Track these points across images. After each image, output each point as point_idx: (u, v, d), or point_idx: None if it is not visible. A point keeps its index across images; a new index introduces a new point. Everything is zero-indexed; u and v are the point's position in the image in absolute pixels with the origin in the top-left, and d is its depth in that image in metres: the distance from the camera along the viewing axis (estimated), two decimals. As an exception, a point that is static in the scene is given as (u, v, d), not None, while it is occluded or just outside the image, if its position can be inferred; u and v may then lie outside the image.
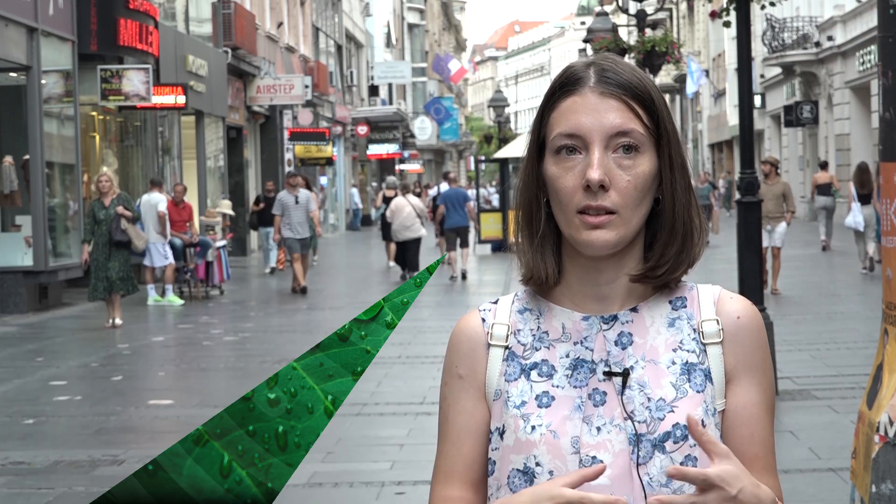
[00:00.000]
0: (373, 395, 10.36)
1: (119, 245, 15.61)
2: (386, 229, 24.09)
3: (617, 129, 1.80)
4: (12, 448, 8.61)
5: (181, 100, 22.76)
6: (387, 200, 25.26)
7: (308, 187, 23.10)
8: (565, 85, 1.85)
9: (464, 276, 22.44)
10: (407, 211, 22.36)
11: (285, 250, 21.60)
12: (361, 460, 8.06)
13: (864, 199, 20.17)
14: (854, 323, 13.37)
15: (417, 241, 22.37)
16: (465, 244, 22.85)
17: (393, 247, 23.56)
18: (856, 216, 20.04)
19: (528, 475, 1.82)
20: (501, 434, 1.85)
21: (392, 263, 24.42)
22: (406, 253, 22.45)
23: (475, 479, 1.89)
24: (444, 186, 30.37)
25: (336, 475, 7.60)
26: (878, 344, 4.59)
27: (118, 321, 15.68)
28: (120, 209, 15.56)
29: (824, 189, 25.36)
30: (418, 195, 49.65)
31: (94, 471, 7.85)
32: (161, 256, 18.74)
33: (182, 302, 18.76)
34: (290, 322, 16.52)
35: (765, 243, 16.51)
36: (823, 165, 27.48)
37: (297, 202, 20.09)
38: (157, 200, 18.91)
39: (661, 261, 1.85)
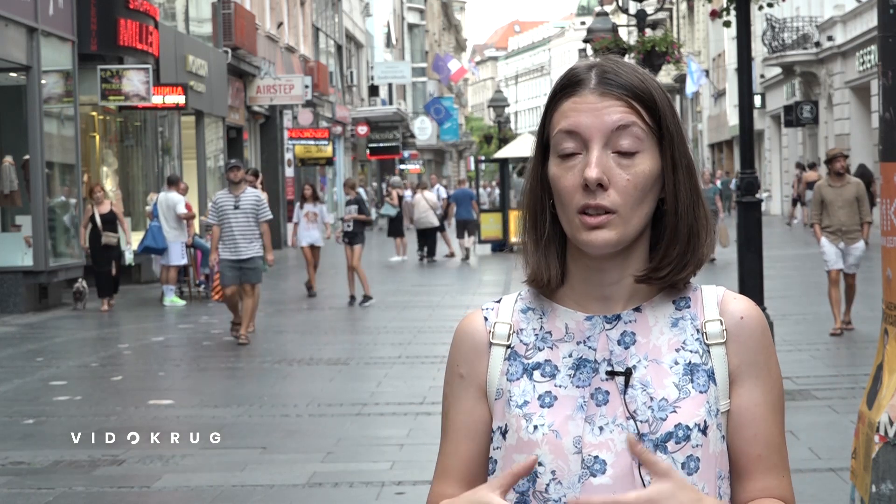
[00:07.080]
0: (373, 395, 10.37)
1: None
2: (394, 226, 28.30)
3: (616, 124, 1.80)
4: (12, 448, 8.61)
5: (181, 100, 22.75)
6: (401, 199, 29.52)
7: (315, 196, 19.68)
8: (567, 87, 1.85)
9: (467, 256, 27.70)
10: (423, 204, 27.81)
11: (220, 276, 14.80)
12: (361, 460, 8.06)
13: None
14: (854, 323, 13.36)
15: (434, 229, 27.91)
16: (471, 233, 28.27)
17: (399, 241, 28.15)
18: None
19: (530, 475, 1.81)
20: (504, 433, 1.85)
21: (396, 258, 27.80)
22: (425, 239, 27.89)
23: (471, 478, 1.89)
24: (441, 189, 40.34)
25: (336, 475, 7.60)
26: (878, 344, 4.59)
27: None
28: None
29: (812, 186, 30.05)
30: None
31: (94, 471, 7.84)
32: (178, 256, 18.74)
33: (184, 303, 18.76)
34: (290, 322, 16.50)
35: (835, 264, 12.94)
36: (812, 166, 33.22)
37: (236, 206, 13.95)
38: (175, 200, 18.88)
39: (663, 262, 1.85)
